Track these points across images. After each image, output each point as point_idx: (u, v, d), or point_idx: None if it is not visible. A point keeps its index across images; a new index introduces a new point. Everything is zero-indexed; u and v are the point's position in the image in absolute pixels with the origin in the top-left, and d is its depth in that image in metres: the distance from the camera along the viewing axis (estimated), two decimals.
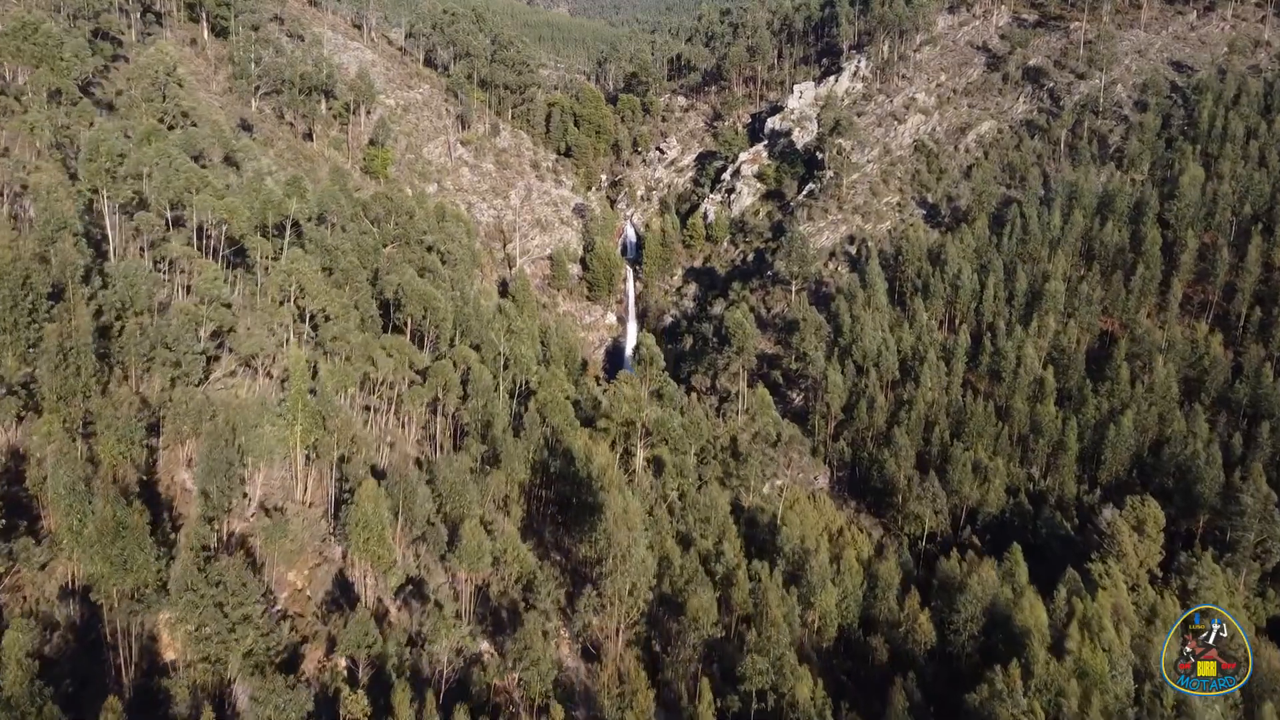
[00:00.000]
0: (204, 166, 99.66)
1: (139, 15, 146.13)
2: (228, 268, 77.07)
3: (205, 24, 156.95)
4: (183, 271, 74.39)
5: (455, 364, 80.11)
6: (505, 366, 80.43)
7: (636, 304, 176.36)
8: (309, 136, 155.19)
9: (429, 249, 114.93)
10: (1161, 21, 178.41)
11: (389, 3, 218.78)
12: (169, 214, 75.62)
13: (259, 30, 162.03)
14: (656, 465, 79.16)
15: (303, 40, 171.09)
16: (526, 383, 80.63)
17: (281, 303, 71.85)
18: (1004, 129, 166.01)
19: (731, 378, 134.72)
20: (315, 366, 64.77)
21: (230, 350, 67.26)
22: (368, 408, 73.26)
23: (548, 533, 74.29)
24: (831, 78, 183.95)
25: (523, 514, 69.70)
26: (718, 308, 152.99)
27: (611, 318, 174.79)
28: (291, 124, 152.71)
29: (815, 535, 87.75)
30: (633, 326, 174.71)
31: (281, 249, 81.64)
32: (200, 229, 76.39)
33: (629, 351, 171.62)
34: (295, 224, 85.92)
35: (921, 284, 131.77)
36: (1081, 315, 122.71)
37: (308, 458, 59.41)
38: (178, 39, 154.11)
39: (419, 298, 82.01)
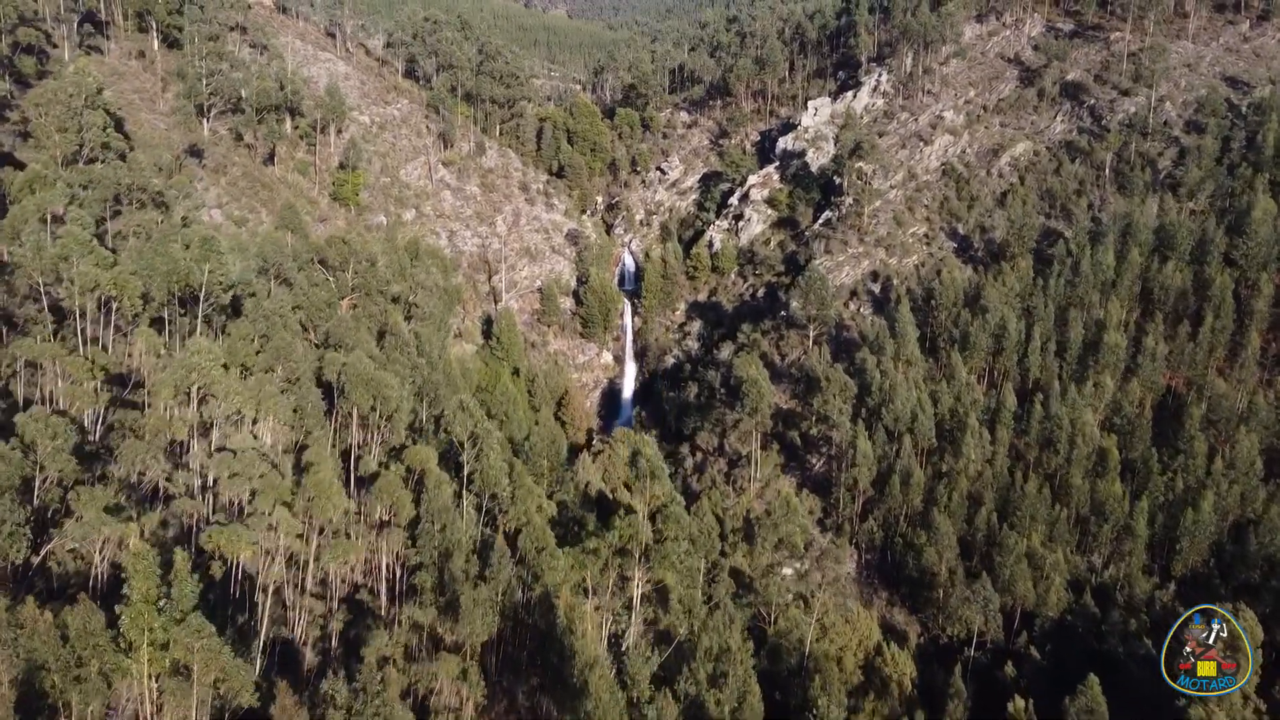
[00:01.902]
0: (116, 213, 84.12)
1: (76, 25, 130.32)
2: (103, 380, 60.84)
3: (155, 34, 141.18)
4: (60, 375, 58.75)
5: (409, 469, 64.46)
6: (471, 480, 64.57)
7: (635, 341, 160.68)
8: (272, 159, 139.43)
9: (394, 300, 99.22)
10: (1211, 32, 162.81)
11: (366, 9, 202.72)
12: (43, 289, 59.99)
13: (217, 41, 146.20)
14: (659, 595, 63.38)
15: (267, 51, 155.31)
16: (495, 500, 65.05)
17: (171, 419, 55.99)
18: (1041, 151, 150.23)
19: (743, 437, 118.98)
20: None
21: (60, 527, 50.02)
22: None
23: (521, 694, 58.64)
24: (849, 93, 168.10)
25: (483, 687, 54.04)
26: (725, 351, 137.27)
27: (608, 357, 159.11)
28: (251, 146, 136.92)
29: (851, 666, 72.18)
30: (631, 367, 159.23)
31: (198, 323, 65.98)
32: (88, 309, 60.74)
33: (627, 394, 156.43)
34: (230, 288, 70.27)
35: (959, 334, 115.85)
36: (1144, 372, 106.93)
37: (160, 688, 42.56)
38: (123, 51, 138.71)
39: (365, 384, 66.21)
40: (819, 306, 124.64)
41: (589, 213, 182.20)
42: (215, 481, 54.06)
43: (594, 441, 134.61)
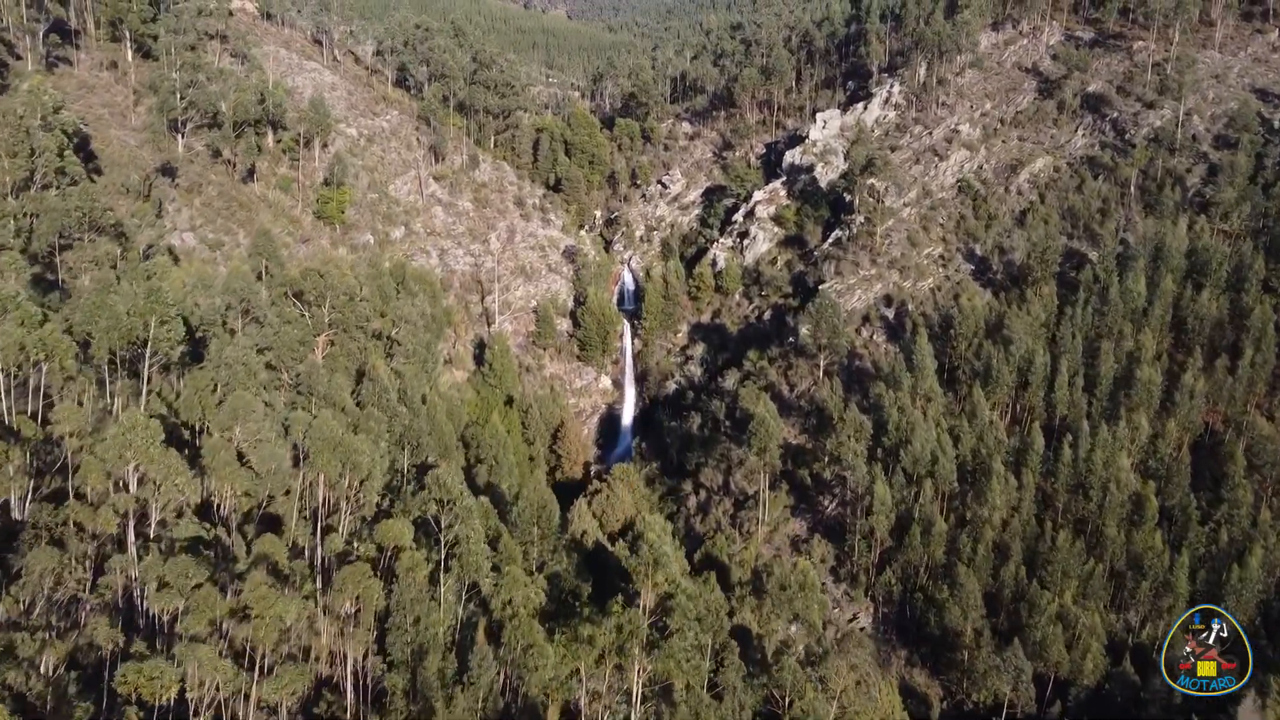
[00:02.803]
0: (65, 247, 76.91)
1: (42, 36, 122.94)
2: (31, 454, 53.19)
3: (128, 44, 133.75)
4: None
5: (381, 550, 57.15)
6: (451, 558, 57.17)
7: (635, 365, 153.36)
8: (252, 176, 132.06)
9: (376, 336, 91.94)
10: (1238, 41, 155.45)
11: (355, 15, 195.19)
12: None
13: (195, 50, 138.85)
14: (663, 692, 56.04)
15: (249, 61, 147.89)
16: (477, 586, 57.61)
17: (98, 510, 48.53)
18: (1061, 167, 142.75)
19: (749, 475, 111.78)
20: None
21: None
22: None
23: None
24: (859, 104, 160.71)
25: None
26: (730, 380, 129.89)
27: (606, 381, 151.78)
28: (230, 163, 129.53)
29: None
30: (630, 392, 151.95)
31: (143, 387, 58.69)
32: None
33: (626, 420, 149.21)
34: (179, 342, 62.87)
35: (981, 367, 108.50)
36: (1181, 410, 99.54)
37: None
38: (94, 63, 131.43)
39: (334, 449, 58.90)
40: (830, 335, 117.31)
41: (587, 228, 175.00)
42: (143, 592, 46.81)
43: (591, 479, 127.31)
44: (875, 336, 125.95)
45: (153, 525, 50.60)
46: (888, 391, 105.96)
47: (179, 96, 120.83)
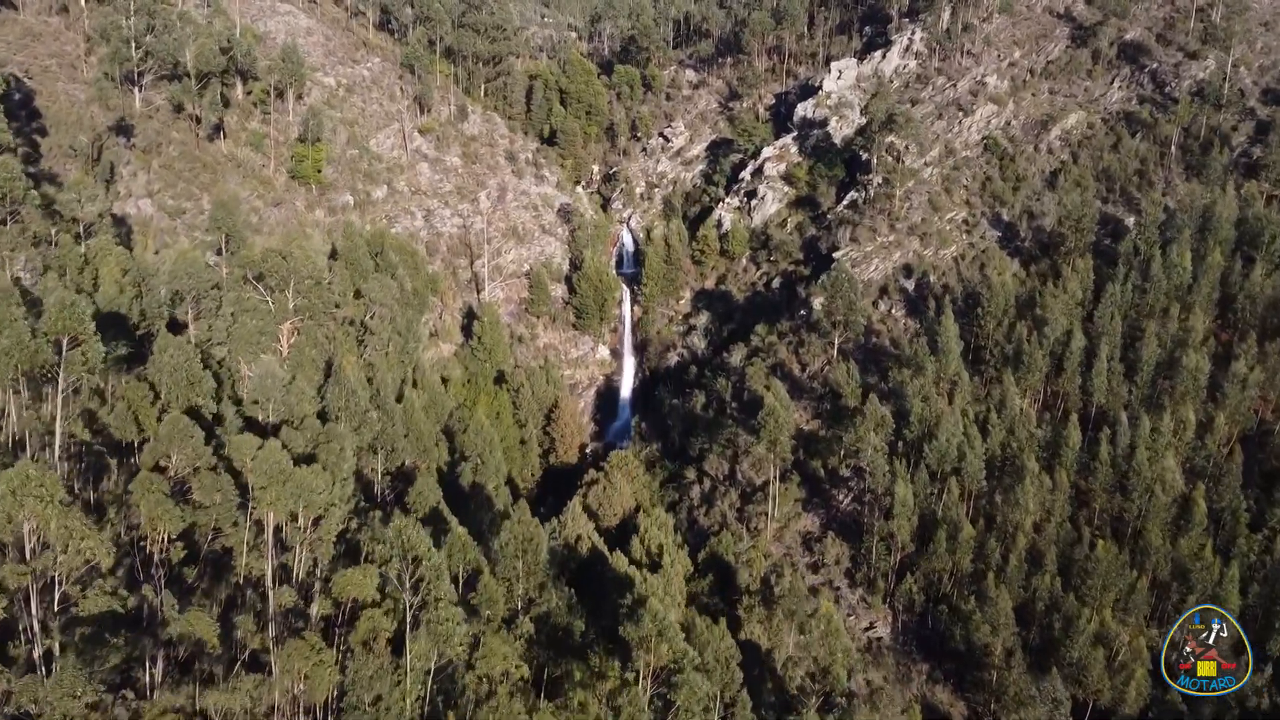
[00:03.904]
0: None
1: None
2: None
3: None
4: None
5: (339, 605, 49.01)
6: (424, 608, 48.81)
7: (634, 333, 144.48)
8: (219, 133, 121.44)
9: (349, 322, 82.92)
10: None
11: None
12: None
13: None
14: None
15: (214, 4, 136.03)
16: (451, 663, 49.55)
17: None
18: (1095, 123, 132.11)
19: (757, 464, 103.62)
20: None
21: None
22: None
23: None
24: (877, 53, 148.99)
25: None
26: (736, 355, 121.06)
27: (604, 351, 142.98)
28: (196, 117, 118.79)
29: None
30: (629, 362, 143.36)
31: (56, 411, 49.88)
32: None
33: (625, 393, 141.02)
34: (97, 367, 53.77)
35: (1012, 351, 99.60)
36: (1231, 401, 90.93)
37: None
38: (42, 6, 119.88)
39: (283, 483, 50.37)
40: (846, 311, 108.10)
41: (583, 184, 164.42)
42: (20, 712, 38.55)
43: (587, 462, 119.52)
44: (894, 310, 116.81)
45: (56, 600, 42.35)
46: (911, 379, 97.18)
47: (133, 45, 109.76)
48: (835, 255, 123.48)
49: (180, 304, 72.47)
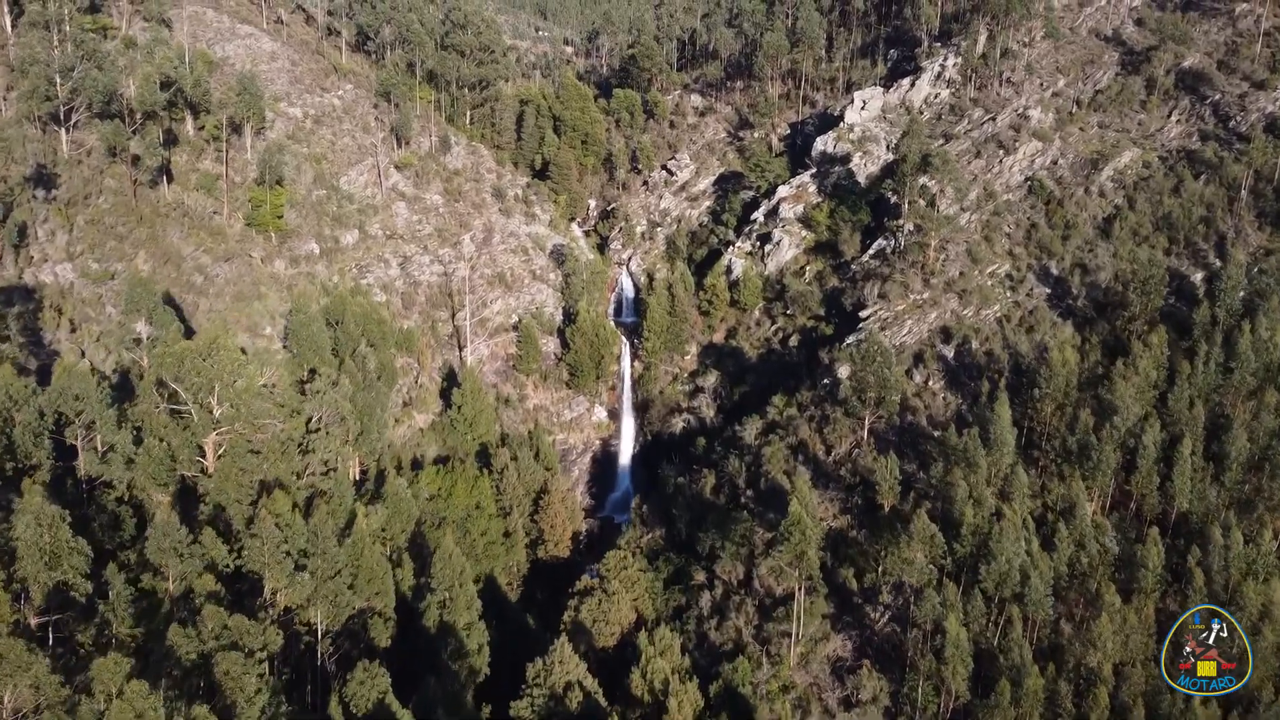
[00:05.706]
0: None
1: None
2: None
3: (5, 10, 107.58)
4: None
5: None
6: None
7: (635, 391, 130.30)
8: (164, 176, 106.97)
9: (286, 440, 68.37)
10: None
11: None
12: None
13: (101, 11, 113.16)
14: None
15: (169, 26, 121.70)
16: None
17: None
18: (1153, 162, 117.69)
19: (777, 571, 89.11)
20: None
21: None
22: None
23: None
24: (906, 80, 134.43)
25: None
26: (749, 429, 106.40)
27: (600, 412, 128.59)
28: (136, 160, 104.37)
29: None
30: (629, 424, 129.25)
31: None
32: None
33: (624, 460, 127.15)
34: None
35: (1076, 444, 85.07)
36: None
37: None
38: None
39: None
40: (879, 388, 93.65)
41: (578, 221, 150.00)
42: None
43: (581, 551, 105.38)
44: (931, 383, 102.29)
45: None
46: (960, 480, 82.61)
47: (59, 80, 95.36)
48: (862, 315, 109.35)
49: (70, 425, 58.03)
